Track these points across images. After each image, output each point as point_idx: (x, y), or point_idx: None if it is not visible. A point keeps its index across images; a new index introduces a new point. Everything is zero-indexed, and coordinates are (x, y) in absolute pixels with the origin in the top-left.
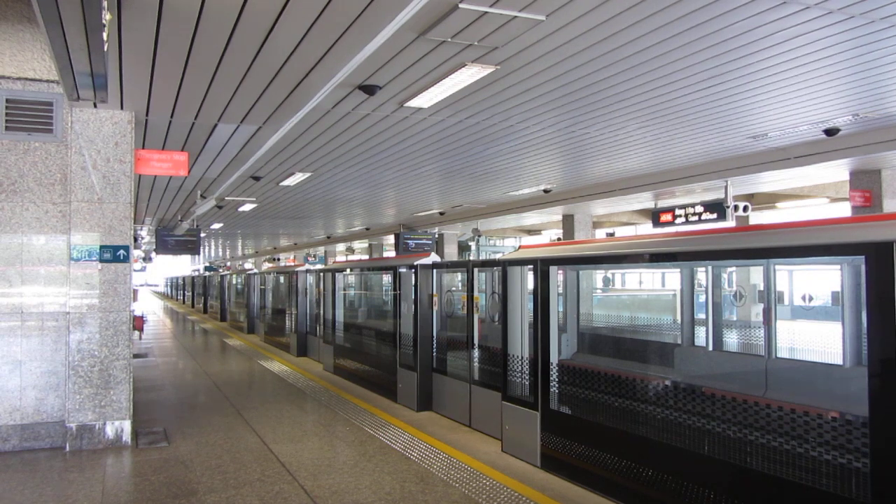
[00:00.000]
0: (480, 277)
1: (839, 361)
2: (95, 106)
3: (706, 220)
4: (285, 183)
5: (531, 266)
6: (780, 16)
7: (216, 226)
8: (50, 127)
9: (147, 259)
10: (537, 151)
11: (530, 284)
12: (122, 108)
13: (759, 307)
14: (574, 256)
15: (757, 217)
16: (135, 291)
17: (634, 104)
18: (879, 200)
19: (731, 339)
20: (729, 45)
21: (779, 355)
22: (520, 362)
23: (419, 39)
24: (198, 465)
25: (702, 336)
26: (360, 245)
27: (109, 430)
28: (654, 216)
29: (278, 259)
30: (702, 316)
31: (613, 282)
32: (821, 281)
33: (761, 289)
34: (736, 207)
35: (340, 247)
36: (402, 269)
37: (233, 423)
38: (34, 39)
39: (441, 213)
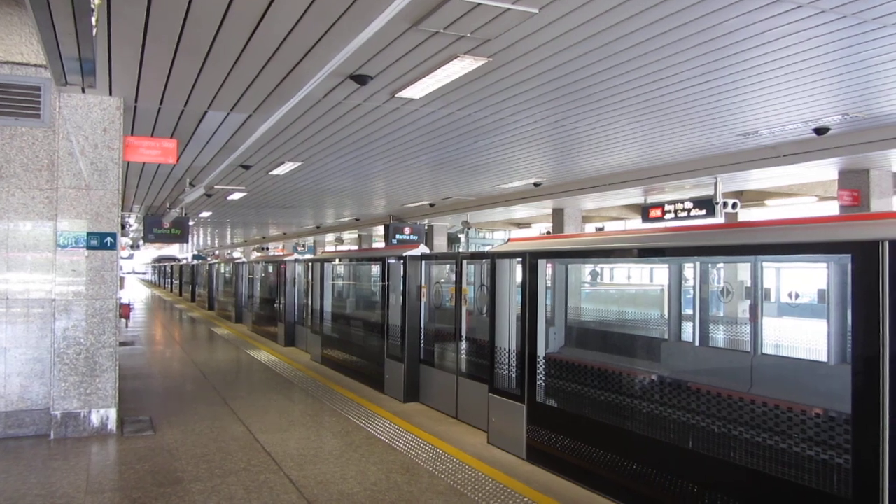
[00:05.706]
0: (469, 270)
1: (824, 359)
2: (84, 91)
3: (695, 217)
4: (275, 172)
5: (520, 259)
6: (771, 14)
7: (205, 214)
8: (38, 112)
9: (135, 247)
10: (528, 145)
11: (519, 277)
12: (110, 93)
13: (746, 304)
14: (563, 250)
15: (746, 214)
16: (121, 279)
17: (625, 99)
18: (867, 200)
19: (718, 335)
20: (721, 42)
21: (764, 351)
22: (507, 355)
23: (412, 30)
24: (183, 454)
25: (688, 331)
26: (349, 235)
27: (95, 419)
28: (644, 211)
29: (267, 248)
30: (689, 311)
31: (602, 276)
32: (807, 278)
33: (748, 285)
34: (725, 204)
35: (330, 237)
36: (392, 261)
37: (219, 413)
38: (22, 23)
39: (431, 205)
